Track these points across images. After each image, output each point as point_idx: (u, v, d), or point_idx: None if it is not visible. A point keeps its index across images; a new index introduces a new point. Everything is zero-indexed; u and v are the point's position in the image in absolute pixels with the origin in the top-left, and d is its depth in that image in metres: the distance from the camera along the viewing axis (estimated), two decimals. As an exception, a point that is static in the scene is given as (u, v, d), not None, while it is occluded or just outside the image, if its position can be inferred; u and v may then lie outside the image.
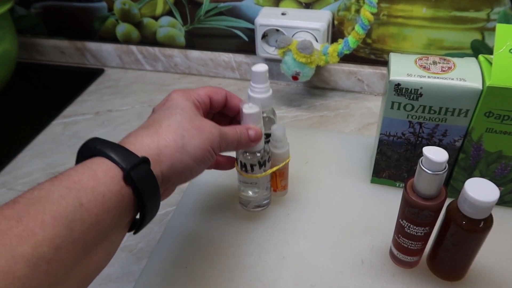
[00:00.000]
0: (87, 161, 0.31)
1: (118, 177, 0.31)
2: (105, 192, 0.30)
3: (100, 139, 0.33)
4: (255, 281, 0.44)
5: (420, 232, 0.39)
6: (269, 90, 0.46)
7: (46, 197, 0.27)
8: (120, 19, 0.80)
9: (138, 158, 0.32)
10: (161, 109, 0.38)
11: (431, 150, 0.35)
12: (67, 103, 0.76)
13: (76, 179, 0.29)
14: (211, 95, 0.42)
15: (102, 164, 0.31)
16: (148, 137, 0.35)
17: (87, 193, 0.29)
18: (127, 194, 0.31)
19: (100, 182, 0.30)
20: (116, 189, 0.30)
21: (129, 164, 0.31)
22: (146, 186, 0.32)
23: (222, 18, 0.74)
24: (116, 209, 0.30)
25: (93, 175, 0.30)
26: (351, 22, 0.68)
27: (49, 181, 0.29)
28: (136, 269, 0.48)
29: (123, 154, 0.32)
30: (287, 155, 0.49)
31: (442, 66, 0.44)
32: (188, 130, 0.36)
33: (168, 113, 0.37)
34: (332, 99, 0.73)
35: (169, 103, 0.39)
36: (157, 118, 0.37)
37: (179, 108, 0.38)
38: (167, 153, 0.35)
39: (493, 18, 0.61)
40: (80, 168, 0.30)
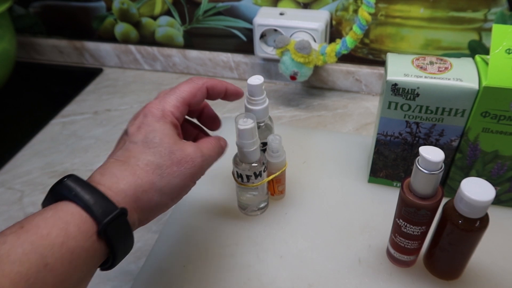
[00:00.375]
0: (59, 207, 0.29)
1: (91, 231, 0.29)
2: (75, 248, 0.27)
3: (77, 178, 0.31)
4: (253, 280, 0.45)
5: (417, 231, 0.40)
6: (266, 101, 0.47)
7: (7, 255, 0.25)
8: (118, 19, 0.80)
9: (115, 209, 0.30)
10: (136, 136, 0.35)
11: (427, 149, 0.35)
12: (66, 103, 0.76)
13: (44, 233, 0.27)
14: (189, 101, 0.38)
15: (76, 214, 0.29)
16: (124, 180, 0.32)
17: (54, 251, 0.26)
18: (99, 248, 0.29)
19: (71, 237, 0.27)
20: (87, 245, 0.28)
21: (105, 216, 0.29)
22: (121, 240, 0.30)
23: (221, 18, 0.74)
24: (85, 265, 0.29)
25: (63, 228, 0.27)
26: (349, 22, 0.68)
27: (15, 233, 0.27)
28: (134, 267, 0.48)
29: (99, 203, 0.29)
30: (284, 163, 0.49)
31: (439, 66, 0.44)
32: (168, 167, 0.34)
33: (145, 146, 0.34)
34: (330, 99, 0.73)
35: (145, 129, 0.35)
36: (133, 151, 0.34)
37: (157, 138, 0.35)
38: (144, 198, 0.33)
39: (490, 18, 0.61)
40: (51, 217, 0.28)
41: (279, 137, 0.47)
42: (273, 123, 0.50)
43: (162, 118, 0.36)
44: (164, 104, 0.37)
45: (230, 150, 0.48)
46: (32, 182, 0.60)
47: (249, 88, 0.45)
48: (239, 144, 0.44)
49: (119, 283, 0.47)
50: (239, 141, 0.44)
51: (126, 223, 0.31)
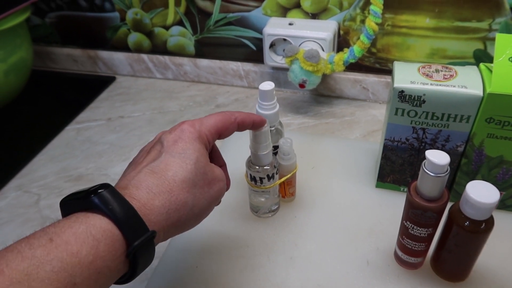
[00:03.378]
0: (92, 221, 0.28)
1: (120, 252, 0.28)
2: (102, 268, 0.27)
3: (114, 191, 0.30)
4: (264, 281, 0.46)
5: (424, 233, 0.41)
6: (276, 106, 0.49)
7: (36, 272, 0.24)
8: (132, 29, 0.82)
9: (147, 233, 0.29)
10: (173, 150, 0.35)
11: (433, 153, 0.37)
12: (80, 110, 0.78)
13: (75, 251, 0.26)
14: (221, 132, 0.39)
15: (108, 232, 0.28)
16: (160, 197, 0.32)
17: (83, 271, 0.26)
18: (123, 268, 0.29)
19: (99, 257, 0.27)
20: (114, 265, 0.28)
21: (136, 237, 0.29)
22: (144, 261, 0.31)
23: (231, 28, 0.76)
24: (108, 283, 0.29)
25: (94, 247, 0.27)
26: (356, 32, 0.70)
27: (44, 246, 0.26)
28: (147, 269, 0.49)
29: (133, 222, 0.29)
30: (294, 166, 0.51)
31: (444, 74, 0.45)
32: (200, 188, 0.34)
33: (183, 161, 0.34)
34: (338, 106, 0.75)
35: (182, 144, 0.35)
36: (170, 165, 0.34)
37: (194, 156, 0.34)
38: (175, 217, 0.32)
39: (494, 28, 0.63)
40: (82, 233, 0.27)
41: (290, 140, 0.49)
42: (283, 127, 0.52)
43: (198, 138, 0.36)
44: (201, 126, 0.37)
45: (243, 153, 0.50)
46: (48, 186, 0.62)
47: (261, 93, 0.47)
48: (253, 148, 0.46)
49: (133, 284, 0.47)
50: (253, 144, 0.45)
51: (152, 244, 0.31)
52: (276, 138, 0.50)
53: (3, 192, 0.61)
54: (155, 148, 0.36)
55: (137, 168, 0.34)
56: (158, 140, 0.37)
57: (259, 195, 0.51)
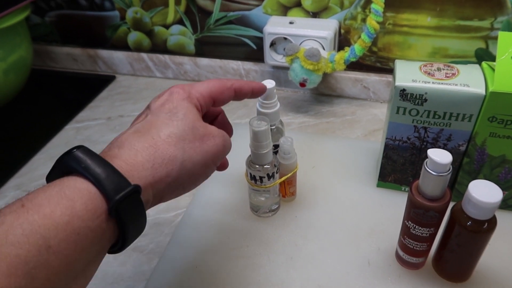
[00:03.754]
0: (66, 182, 0.26)
1: (100, 210, 0.26)
2: (81, 228, 0.25)
3: (86, 150, 0.28)
4: (264, 281, 0.46)
5: (425, 233, 0.41)
6: (277, 104, 0.48)
7: (5, 237, 0.23)
8: (132, 28, 0.82)
9: (128, 186, 0.27)
10: (160, 110, 0.34)
11: (435, 152, 0.36)
12: (80, 109, 0.78)
13: (47, 212, 0.24)
14: (216, 97, 0.37)
15: (83, 191, 0.26)
16: (144, 152, 0.30)
17: (58, 232, 0.24)
18: (108, 228, 0.27)
19: (76, 217, 0.25)
20: (94, 225, 0.26)
21: (116, 193, 0.26)
22: (132, 220, 0.28)
23: (231, 27, 0.76)
24: (92, 246, 0.26)
25: (69, 207, 0.25)
26: (357, 31, 0.70)
27: (14, 212, 0.24)
28: (147, 268, 0.49)
29: (111, 178, 0.27)
30: (295, 165, 0.50)
31: (446, 73, 0.45)
32: (190, 141, 0.32)
33: (168, 119, 0.33)
34: (339, 106, 0.75)
35: (169, 105, 0.34)
36: (155, 123, 0.32)
37: (181, 113, 0.33)
38: (162, 172, 0.30)
39: (496, 27, 0.63)
40: (56, 194, 0.25)
41: (291, 139, 0.48)
42: (284, 126, 0.52)
43: (187, 98, 0.35)
44: (191, 88, 0.36)
45: (243, 152, 0.49)
46: (48, 185, 0.61)
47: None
48: (253, 146, 0.45)
49: (133, 283, 0.48)
50: (253, 143, 0.45)
51: (139, 201, 0.28)
52: (277, 137, 0.50)
53: (2, 191, 0.61)
54: (143, 113, 0.36)
55: (123, 132, 0.33)
56: (147, 106, 0.36)
57: (259, 195, 0.51)
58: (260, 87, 0.42)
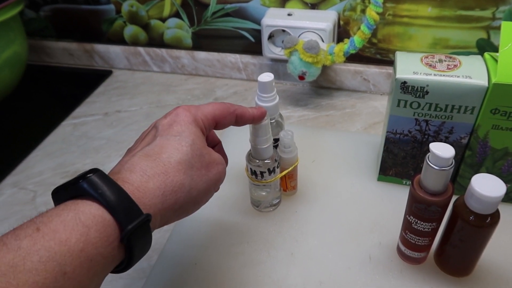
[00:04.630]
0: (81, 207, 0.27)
1: (113, 237, 0.27)
2: (94, 256, 0.26)
3: (104, 175, 0.29)
4: (264, 277, 0.45)
5: (427, 227, 0.40)
6: (276, 97, 0.47)
7: (22, 264, 0.23)
8: (127, 21, 0.81)
9: (141, 216, 0.28)
10: (168, 133, 0.34)
11: (437, 146, 0.36)
12: (76, 104, 0.77)
13: (64, 239, 0.25)
14: (218, 121, 0.38)
15: (98, 218, 0.27)
16: (154, 179, 0.31)
17: (73, 259, 0.25)
18: (118, 255, 0.28)
19: (90, 244, 0.26)
20: (107, 252, 0.27)
21: (130, 222, 0.27)
22: (140, 246, 0.29)
23: (229, 20, 0.75)
24: (102, 271, 0.27)
25: (84, 234, 0.26)
26: (357, 22, 0.68)
27: (30, 236, 0.25)
28: (146, 265, 0.49)
29: (126, 206, 0.28)
30: (296, 158, 0.50)
31: (448, 64, 0.44)
32: (198, 170, 0.33)
33: (178, 143, 0.33)
34: (338, 98, 0.74)
35: (177, 127, 0.34)
36: (165, 147, 0.33)
37: (189, 139, 0.34)
38: (171, 199, 0.31)
39: (498, 16, 0.62)
40: (71, 220, 0.26)
41: (291, 133, 0.48)
42: (283, 120, 0.51)
43: (194, 122, 0.35)
44: (196, 111, 0.36)
45: (244, 147, 0.49)
46: (45, 183, 0.61)
47: (260, 85, 0.45)
48: (253, 141, 0.45)
49: (132, 281, 0.47)
50: (253, 137, 0.44)
51: (148, 228, 0.29)
52: (277, 131, 0.49)
53: (-2, 189, 0.60)
54: (149, 133, 0.36)
55: (131, 153, 0.33)
56: (153, 126, 0.36)
57: (260, 189, 0.50)
58: (260, 113, 0.42)
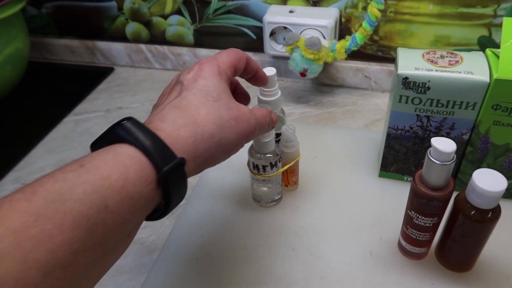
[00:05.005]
0: (119, 149, 0.28)
1: (151, 178, 0.28)
2: (134, 194, 0.27)
3: (137, 123, 0.30)
4: (265, 273, 0.45)
5: (429, 222, 0.40)
6: (278, 92, 0.47)
7: (69, 193, 0.25)
8: (129, 18, 0.81)
9: (175, 159, 0.29)
10: (194, 87, 0.34)
11: (439, 140, 0.36)
12: (78, 101, 0.77)
13: (105, 175, 0.26)
14: (236, 65, 0.38)
15: (135, 159, 0.28)
16: (185, 128, 0.31)
17: (115, 194, 0.26)
18: (156, 196, 0.29)
19: (130, 182, 0.27)
20: (145, 192, 0.28)
21: (165, 164, 0.28)
22: (177, 190, 0.30)
23: (231, 17, 0.75)
24: (142, 211, 0.28)
25: (124, 172, 0.27)
26: (358, 19, 0.68)
27: (75, 171, 0.26)
28: (148, 261, 0.49)
29: (161, 150, 0.29)
30: (298, 153, 0.50)
31: (450, 60, 0.44)
32: (227, 121, 0.34)
33: (204, 98, 0.34)
34: (340, 95, 0.74)
35: (202, 81, 0.35)
36: (192, 101, 0.33)
37: (216, 93, 0.34)
38: (202, 148, 0.32)
39: (500, 14, 0.62)
40: (111, 160, 0.27)
41: (293, 127, 0.48)
42: (285, 115, 0.51)
43: (218, 74, 0.36)
44: (219, 62, 0.37)
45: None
46: (47, 178, 0.61)
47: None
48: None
49: (134, 276, 0.47)
50: None
51: (183, 172, 0.30)
52: (279, 126, 0.49)
53: (1, 185, 0.61)
54: (175, 89, 0.36)
55: (160, 107, 0.34)
56: (177, 81, 0.37)
57: (262, 185, 0.50)
58: (263, 75, 0.43)
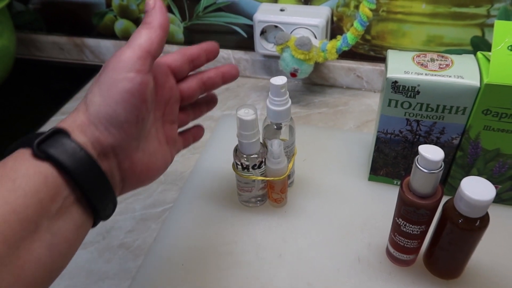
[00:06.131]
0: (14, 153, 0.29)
1: (26, 156, 0.27)
2: (16, 177, 0.26)
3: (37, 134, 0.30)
4: (251, 279, 0.44)
5: (416, 230, 0.39)
6: (288, 101, 0.45)
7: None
8: (118, 15, 0.79)
9: (48, 131, 0.28)
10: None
11: (427, 148, 0.35)
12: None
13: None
14: (172, 65, 0.38)
15: (16, 153, 0.28)
16: (79, 108, 0.31)
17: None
18: (49, 173, 0.27)
19: (8, 167, 0.27)
20: (30, 172, 0.27)
21: (41, 142, 0.28)
22: (71, 158, 0.28)
23: (221, 14, 0.73)
24: (37, 193, 0.27)
25: (0, 165, 0.27)
26: (350, 18, 0.67)
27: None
28: (133, 266, 0.48)
29: (32, 135, 0.29)
30: (285, 170, 0.47)
31: (440, 64, 0.43)
32: (103, 79, 0.31)
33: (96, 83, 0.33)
34: (331, 96, 0.73)
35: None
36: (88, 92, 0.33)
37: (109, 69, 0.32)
38: (92, 110, 0.30)
39: (493, 14, 0.61)
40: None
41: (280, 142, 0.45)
42: (294, 124, 0.49)
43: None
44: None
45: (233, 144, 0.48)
46: (32, 180, 0.60)
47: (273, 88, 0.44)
48: (240, 136, 0.44)
49: (118, 281, 0.46)
50: (240, 132, 0.44)
51: (67, 140, 0.28)
52: (290, 135, 0.48)
53: (-16, 187, 0.59)
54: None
55: None
56: None
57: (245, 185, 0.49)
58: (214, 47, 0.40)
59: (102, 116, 0.30)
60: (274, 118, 0.46)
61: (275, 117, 0.46)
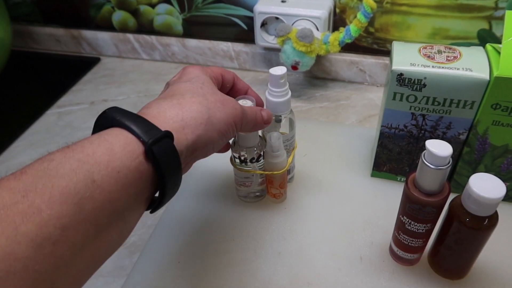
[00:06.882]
0: (104, 132, 0.29)
1: (137, 152, 0.29)
2: (121, 168, 0.27)
3: (120, 109, 0.31)
4: (249, 277, 0.43)
5: (422, 229, 0.38)
6: (288, 92, 0.44)
7: (56, 170, 0.25)
8: (116, 7, 0.78)
9: (160, 132, 0.30)
10: (179, 82, 0.36)
11: (434, 143, 0.33)
12: (62, 93, 0.74)
13: (90, 152, 0.27)
14: (223, 74, 0.41)
15: (120, 136, 0.29)
16: (171, 110, 0.32)
17: (101, 168, 0.27)
18: (146, 171, 0.29)
19: (116, 157, 0.28)
20: (133, 166, 0.28)
21: (150, 137, 0.29)
22: (168, 163, 0.30)
23: (221, 6, 0.72)
24: (132, 187, 0.28)
25: (109, 148, 0.28)
26: (353, 10, 0.66)
27: (61, 151, 0.27)
28: (128, 263, 0.46)
29: (145, 126, 0.30)
30: (284, 164, 0.46)
31: (448, 56, 0.42)
32: (213, 102, 0.35)
33: (190, 85, 0.35)
34: (333, 89, 0.71)
35: (187, 77, 0.37)
36: (178, 90, 0.35)
37: (200, 82, 0.36)
38: (192, 125, 0.33)
39: (501, 6, 0.59)
40: (96, 139, 0.28)
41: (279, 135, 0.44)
42: (294, 117, 0.48)
43: (203, 71, 0.38)
44: (202, 66, 0.39)
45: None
46: (26, 174, 0.58)
47: (272, 79, 0.42)
48: None
49: (113, 279, 0.45)
50: None
51: (172, 147, 0.30)
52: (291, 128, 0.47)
53: (-23, 181, 0.58)
54: (162, 91, 0.38)
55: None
56: (165, 85, 0.39)
57: (243, 179, 0.48)
58: (266, 112, 0.43)
59: (201, 139, 0.34)
60: (273, 110, 0.44)
61: (274, 108, 0.44)
